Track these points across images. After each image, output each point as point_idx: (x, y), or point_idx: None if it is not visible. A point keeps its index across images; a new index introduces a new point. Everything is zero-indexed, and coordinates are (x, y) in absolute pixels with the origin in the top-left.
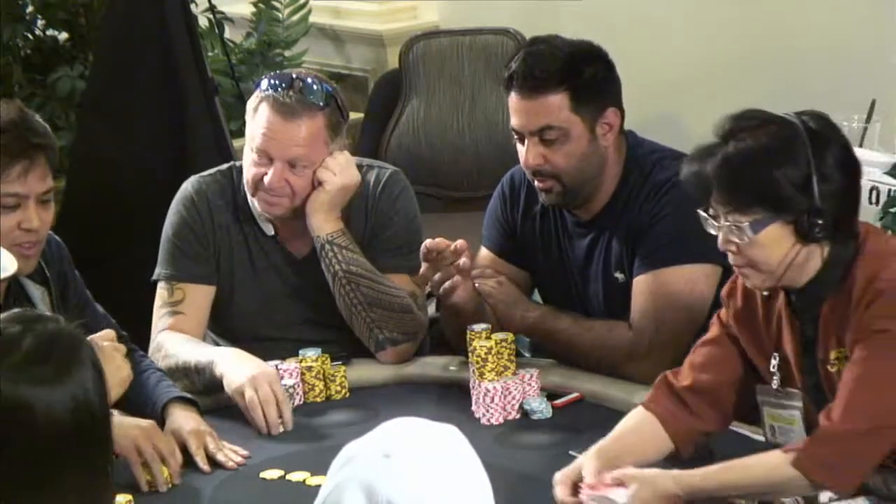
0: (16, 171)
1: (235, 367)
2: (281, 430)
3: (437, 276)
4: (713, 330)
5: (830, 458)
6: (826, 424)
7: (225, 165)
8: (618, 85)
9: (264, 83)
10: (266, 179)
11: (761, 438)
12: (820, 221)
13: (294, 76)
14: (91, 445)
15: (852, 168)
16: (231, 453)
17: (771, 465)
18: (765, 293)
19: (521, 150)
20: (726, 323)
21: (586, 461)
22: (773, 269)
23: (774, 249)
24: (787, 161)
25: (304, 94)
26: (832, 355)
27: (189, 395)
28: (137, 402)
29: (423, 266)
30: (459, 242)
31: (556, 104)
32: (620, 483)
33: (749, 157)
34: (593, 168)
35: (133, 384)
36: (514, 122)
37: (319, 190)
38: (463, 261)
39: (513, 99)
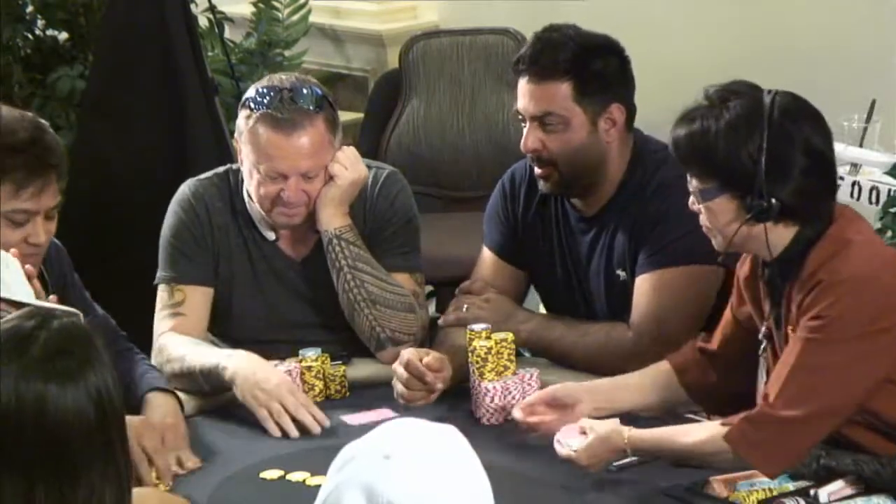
0: (30, 191)
1: (249, 377)
2: (318, 429)
3: (400, 389)
4: (734, 292)
5: (762, 439)
6: (764, 406)
7: (222, 168)
8: (629, 82)
9: (252, 95)
10: (285, 196)
11: None
12: (763, 203)
13: (280, 86)
14: (114, 439)
15: (817, 156)
16: (174, 461)
17: (706, 436)
18: (721, 260)
19: (523, 134)
20: (737, 280)
21: (579, 398)
22: (722, 236)
23: (721, 218)
24: (741, 140)
25: (298, 103)
26: (790, 331)
27: (169, 387)
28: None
29: (399, 372)
30: (430, 378)
31: (560, 93)
32: (584, 430)
33: (706, 133)
34: (591, 160)
35: (123, 378)
36: (518, 104)
37: (331, 184)
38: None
39: (521, 83)
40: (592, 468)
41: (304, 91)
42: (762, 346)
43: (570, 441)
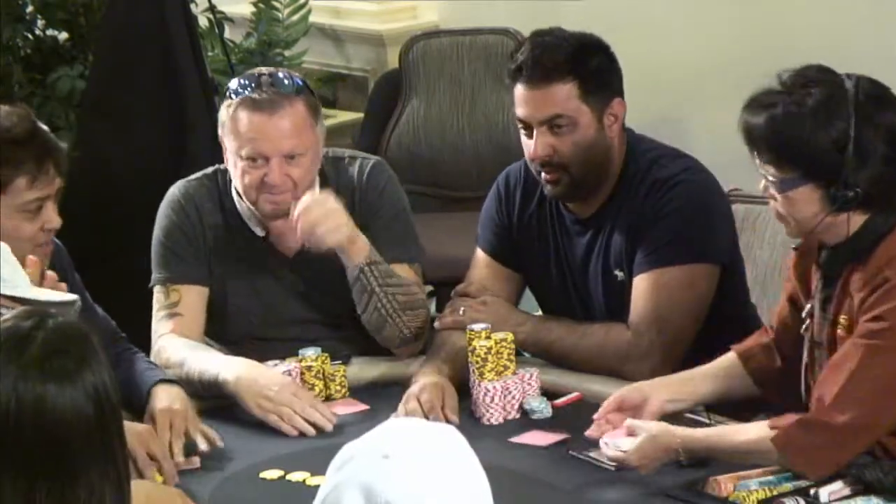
0: (43, 180)
1: (251, 387)
2: (330, 426)
3: (400, 412)
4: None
5: (810, 444)
6: (817, 410)
7: (210, 169)
8: (621, 76)
9: (234, 86)
10: (268, 179)
11: None
12: (849, 193)
13: (258, 73)
14: (112, 437)
15: None
16: (200, 439)
17: (754, 437)
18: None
19: (527, 143)
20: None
21: (648, 390)
22: (801, 226)
23: (801, 209)
24: (826, 128)
25: (277, 87)
26: (841, 318)
27: (172, 378)
28: (125, 392)
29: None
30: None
31: (565, 93)
32: (633, 432)
33: (789, 120)
34: (600, 158)
35: (124, 378)
36: (522, 112)
37: (334, 231)
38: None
39: (520, 90)
40: (643, 469)
41: (284, 77)
42: (804, 325)
43: (618, 442)
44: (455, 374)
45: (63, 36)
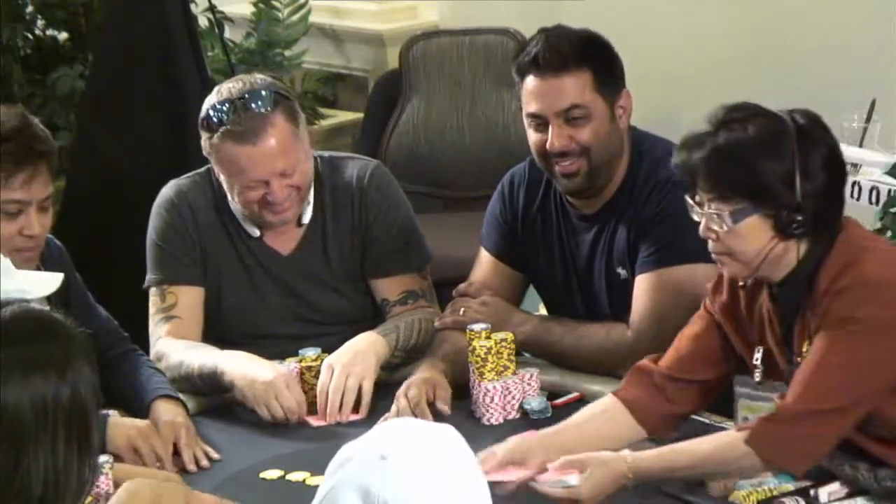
0: (20, 179)
1: (247, 374)
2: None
3: (393, 412)
4: (698, 321)
5: (783, 436)
6: (780, 404)
7: (203, 168)
8: (623, 70)
9: (208, 115)
10: (271, 198)
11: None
12: (799, 218)
13: (230, 98)
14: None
15: (838, 169)
16: (200, 454)
17: (722, 442)
18: (743, 284)
19: (537, 137)
20: (711, 311)
21: (531, 451)
22: (749, 260)
23: (752, 241)
24: (772, 155)
25: (255, 108)
26: (804, 348)
27: (176, 394)
28: (127, 396)
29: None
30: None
31: (581, 83)
32: (572, 468)
33: (735, 148)
34: (614, 149)
35: (127, 380)
36: (537, 106)
37: (368, 371)
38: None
39: (533, 83)
40: (590, 502)
41: (255, 94)
42: (758, 372)
43: (565, 479)
44: (452, 372)
45: (63, 36)
